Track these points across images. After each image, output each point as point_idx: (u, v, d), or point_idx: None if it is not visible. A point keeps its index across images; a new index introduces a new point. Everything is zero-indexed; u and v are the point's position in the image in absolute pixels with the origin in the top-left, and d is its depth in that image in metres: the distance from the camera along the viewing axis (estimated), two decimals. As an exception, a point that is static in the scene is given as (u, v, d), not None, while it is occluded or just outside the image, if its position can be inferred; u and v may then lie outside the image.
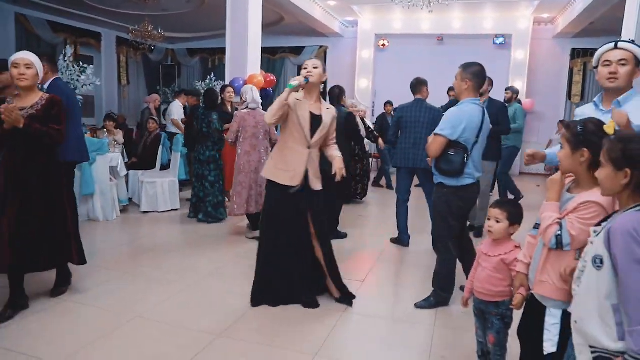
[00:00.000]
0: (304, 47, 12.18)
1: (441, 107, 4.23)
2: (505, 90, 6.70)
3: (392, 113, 8.63)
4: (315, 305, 3.30)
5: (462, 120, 3.13)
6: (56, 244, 3.15)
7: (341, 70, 12.03)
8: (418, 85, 4.89)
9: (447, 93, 7.38)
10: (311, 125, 3.21)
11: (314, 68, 3.22)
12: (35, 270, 3.13)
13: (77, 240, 3.32)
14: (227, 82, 6.98)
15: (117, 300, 3.34)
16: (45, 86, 3.78)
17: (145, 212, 5.98)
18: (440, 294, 3.42)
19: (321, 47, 12.18)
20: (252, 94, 4.96)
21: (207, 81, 8.88)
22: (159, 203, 6.01)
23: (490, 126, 3.40)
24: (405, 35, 11.33)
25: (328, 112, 3.32)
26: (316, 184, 3.28)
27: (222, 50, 12.52)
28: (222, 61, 12.60)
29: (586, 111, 2.32)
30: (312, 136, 3.22)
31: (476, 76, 3.19)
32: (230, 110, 6.10)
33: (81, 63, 6.24)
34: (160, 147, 6.77)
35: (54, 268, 3.30)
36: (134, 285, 3.68)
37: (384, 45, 11.61)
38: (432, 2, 7.04)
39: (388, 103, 8.98)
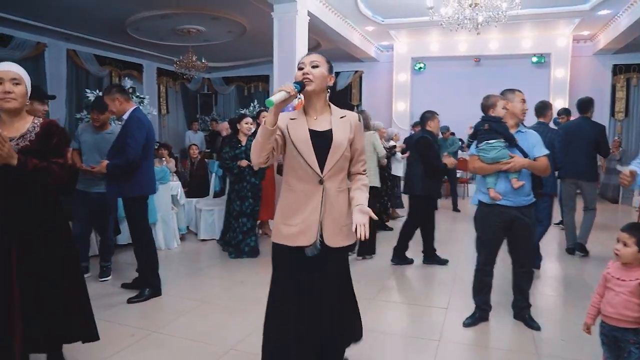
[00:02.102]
0: (339, 73, 12.27)
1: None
2: (559, 115, 6.38)
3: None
4: None
5: None
6: (49, 325, 2.38)
7: (377, 94, 12.11)
8: (543, 108, 4.96)
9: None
10: (316, 148, 2.11)
11: (313, 67, 2.10)
12: None
13: (85, 311, 2.56)
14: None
15: (204, 332, 3.29)
16: (125, 117, 3.83)
17: (203, 240, 5.98)
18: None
19: (356, 71, 12.26)
20: None
21: (251, 108, 8.97)
22: (217, 231, 6.00)
23: None
24: (442, 58, 11.35)
25: (342, 122, 2.17)
26: (336, 239, 2.14)
27: (258, 78, 12.86)
28: (258, 89, 12.84)
29: None
30: (322, 165, 2.11)
31: None
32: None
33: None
34: (213, 174, 6.81)
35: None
36: (213, 315, 3.63)
37: (420, 68, 11.65)
38: (481, 24, 7.01)
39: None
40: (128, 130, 3.73)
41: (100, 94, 5.98)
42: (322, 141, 2.11)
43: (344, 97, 12.34)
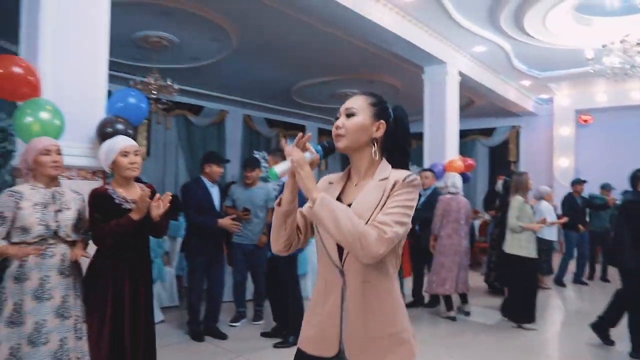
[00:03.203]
0: (494, 128, 12.00)
1: None
2: None
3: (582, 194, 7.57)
4: None
5: None
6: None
7: (536, 150, 11.51)
8: None
9: None
10: None
11: (349, 115, 1.56)
12: None
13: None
14: (425, 167, 7.18)
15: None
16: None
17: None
18: None
19: (514, 127, 11.84)
20: (453, 179, 5.32)
21: (403, 166, 9.22)
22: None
23: None
24: (611, 109, 10.43)
25: (377, 186, 1.52)
26: (363, 356, 1.50)
27: (412, 136, 13.01)
28: (412, 146, 13.10)
29: None
30: (341, 249, 1.51)
31: None
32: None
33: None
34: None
35: None
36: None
37: (585, 120, 10.84)
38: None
39: (578, 182, 7.64)
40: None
41: (265, 154, 6.84)
42: None
43: (500, 153, 11.97)
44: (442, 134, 7.32)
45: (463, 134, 11.92)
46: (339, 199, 1.56)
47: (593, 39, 6.68)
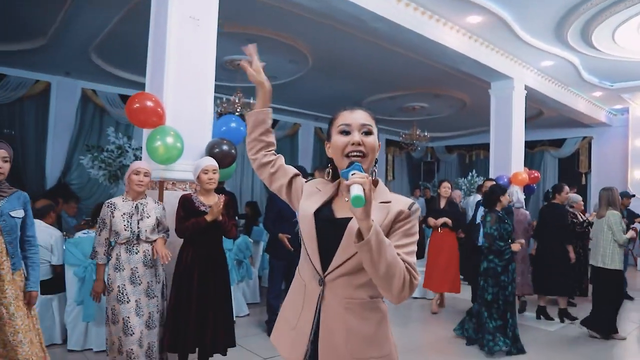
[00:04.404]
0: (564, 139, 11.88)
1: None
2: None
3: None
4: None
5: None
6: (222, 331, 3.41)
7: (609, 161, 11.29)
8: None
9: None
10: (324, 236, 1.49)
11: (365, 133, 1.50)
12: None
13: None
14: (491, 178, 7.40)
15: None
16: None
17: (415, 298, 6.65)
18: None
19: (584, 137, 11.67)
20: (518, 195, 5.57)
21: (469, 177, 9.43)
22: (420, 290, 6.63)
23: None
24: (692, 120, 10.11)
25: (378, 207, 1.45)
26: None
27: (479, 146, 13.22)
28: (479, 156, 13.20)
29: None
30: (325, 261, 1.48)
31: None
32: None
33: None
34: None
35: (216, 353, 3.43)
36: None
37: (663, 131, 10.54)
38: None
39: (625, 195, 7.30)
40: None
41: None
42: (336, 231, 1.45)
43: (570, 165, 11.83)
44: (508, 147, 7.52)
45: (532, 144, 11.97)
46: (329, 209, 1.52)
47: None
